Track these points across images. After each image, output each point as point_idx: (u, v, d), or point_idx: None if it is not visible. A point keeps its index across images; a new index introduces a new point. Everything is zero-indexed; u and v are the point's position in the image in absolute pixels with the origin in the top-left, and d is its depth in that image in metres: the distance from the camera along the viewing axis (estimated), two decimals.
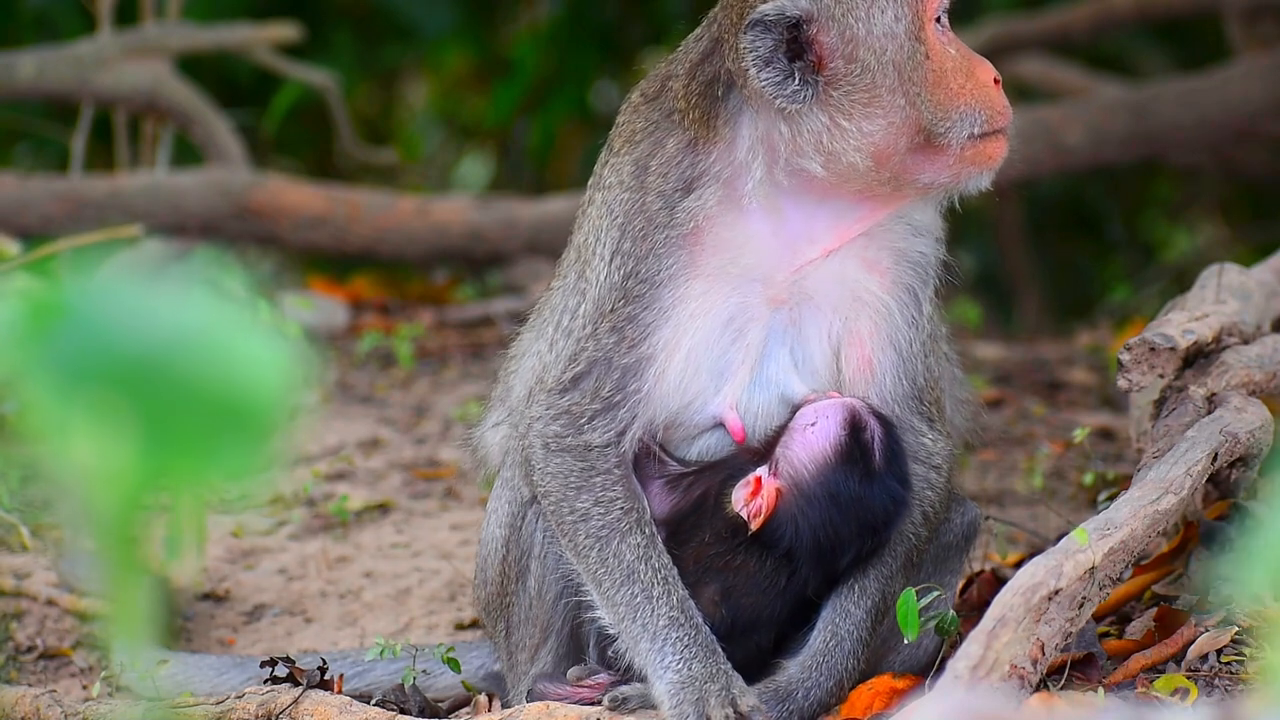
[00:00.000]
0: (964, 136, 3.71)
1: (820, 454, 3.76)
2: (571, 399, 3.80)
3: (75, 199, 7.54)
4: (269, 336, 1.62)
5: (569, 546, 3.82)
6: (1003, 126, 3.76)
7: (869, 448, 3.75)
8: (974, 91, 3.73)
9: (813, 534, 3.76)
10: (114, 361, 1.58)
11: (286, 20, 8.24)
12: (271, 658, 4.08)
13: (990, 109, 3.74)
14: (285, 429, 1.62)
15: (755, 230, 3.77)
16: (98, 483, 1.56)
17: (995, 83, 3.77)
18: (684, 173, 3.78)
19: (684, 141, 3.79)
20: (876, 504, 3.77)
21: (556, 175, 10.97)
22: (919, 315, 3.86)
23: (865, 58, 3.68)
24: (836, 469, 3.75)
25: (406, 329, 7.12)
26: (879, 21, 3.68)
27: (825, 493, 3.75)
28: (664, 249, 3.76)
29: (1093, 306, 9.94)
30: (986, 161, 3.76)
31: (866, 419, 3.77)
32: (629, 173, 3.82)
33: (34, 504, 5.19)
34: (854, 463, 3.75)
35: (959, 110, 3.71)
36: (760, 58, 3.66)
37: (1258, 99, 7.97)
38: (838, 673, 3.76)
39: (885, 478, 3.77)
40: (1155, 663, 3.76)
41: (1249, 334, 4.21)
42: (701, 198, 3.76)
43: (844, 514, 3.76)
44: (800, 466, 3.76)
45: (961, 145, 3.72)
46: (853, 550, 3.78)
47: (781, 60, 3.66)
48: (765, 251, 3.77)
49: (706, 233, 3.76)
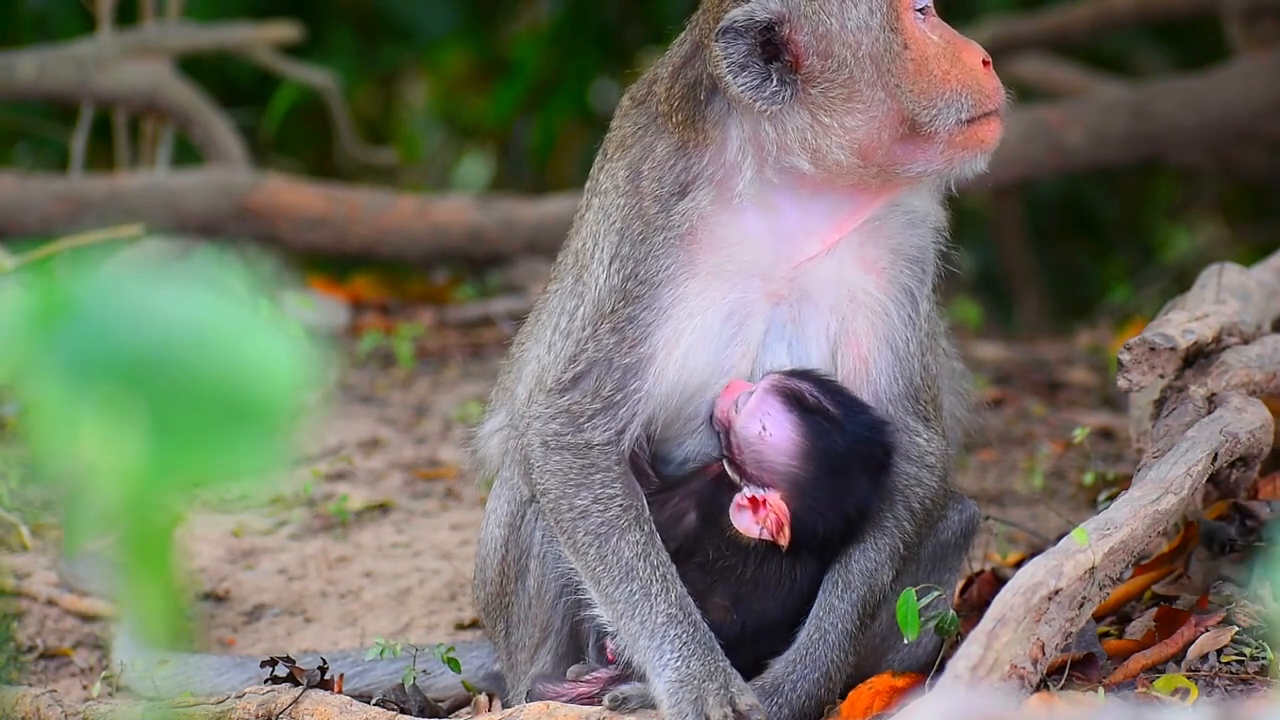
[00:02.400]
0: (951, 123, 3.71)
1: (793, 447, 3.76)
2: (571, 398, 3.81)
3: (75, 199, 7.54)
4: (278, 333, 1.63)
5: (567, 544, 3.83)
6: (993, 108, 3.75)
7: (820, 407, 3.76)
8: (960, 76, 3.72)
9: (837, 510, 3.77)
10: (122, 358, 1.58)
11: (286, 20, 8.24)
12: (271, 658, 4.08)
13: (978, 92, 3.73)
14: (294, 426, 1.62)
15: (751, 228, 3.78)
16: (106, 480, 1.56)
17: (985, 64, 3.75)
18: (677, 176, 3.78)
19: (673, 145, 3.80)
20: (865, 442, 3.77)
21: (556, 175, 10.97)
22: (916, 315, 3.86)
23: (841, 53, 3.68)
24: (815, 447, 3.76)
25: (406, 329, 7.12)
26: (852, 16, 3.68)
27: (823, 472, 3.76)
28: (662, 250, 3.77)
29: (1093, 306, 9.94)
30: (979, 145, 3.76)
31: (793, 385, 3.77)
32: (623, 178, 3.83)
33: (34, 504, 5.19)
34: (822, 429, 3.76)
35: (944, 97, 3.70)
36: (734, 64, 3.67)
37: (1258, 99, 7.97)
38: (823, 664, 3.76)
39: (851, 416, 3.77)
40: (1155, 663, 3.76)
41: (1249, 334, 4.21)
42: (696, 199, 3.77)
43: (847, 474, 3.76)
44: (784, 468, 3.76)
45: (950, 132, 3.71)
46: (870, 500, 3.79)
47: (757, 63, 3.67)
48: (762, 249, 3.78)
49: (702, 232, 3.77)
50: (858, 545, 3.83)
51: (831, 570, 3.83)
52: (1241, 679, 3.66)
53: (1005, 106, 3.79)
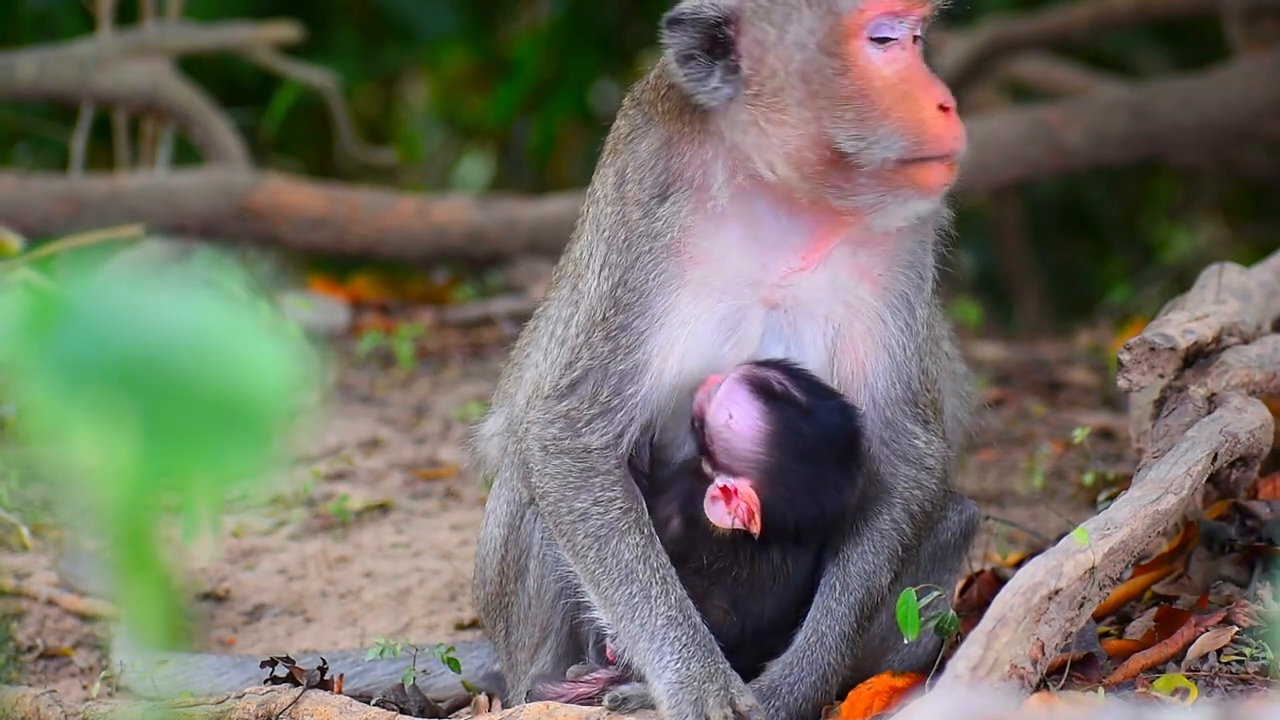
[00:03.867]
0: (879, 159, 3.62)
1: (759, 434, 3.75)
2: (569, 404, 3.80)
3: (75, 199, 7.54)
4: (272, 336, 1.63)
5: (567, 548, 3.82)
6: (937, 154, 3.62)
7: (787, 394, 3.75)
8: (903, 115, 3.62)
9: (809, 497, 3.76)
10: (118, 360, 1.58)
11: (287, 20, 8.24)
12: (271, 658, 4.08)
13: (919, 134, 3.61)
14: (289, 428, 1.62)
15: (734, 240, 3.77)
16: (101, 481, 1.56)
17: (943, 110, 3.63)
18: (658, 177, 3.78)
19: (657, 143, 3.80)
20: (832, 429, 3.77)
21: (556, 175, 10.98)
22: (912, 320, 3.85)
23: (774, 64, 3.66)
24: (781, 433, 3.75)
25: (406, 329, 7.12)
26: (793, 31, 3.65)
27: (790, 459, 3.76)
28: (650, 259, 3.77)
29: (1093, 306, 9.94)
30: (919, 189, 3.65)
31: (760, 374, 3.77)
32: (611, 184, 3.84)
33: (34, 504, 5.19)
34: (788, 416, 3.75)
35: (877, 132, 3.62)
36: (680, 54, 3.69)
37: (1258, 99, 7.97)
38: (820, 667, 3.76)
39: (818, 403, 3.77)
40: (1155, 663, 3.76)
41: (1249, 334, 4.21)
42: (677, 204, 3.76)
43: (816, 460, 3.76)
44: (751, 455, 3.76)
45: (880, 168, 3.63)
46: (845, 487, 3.78)
47: (703, 57, 3.68)
48: (746, 261, 3.77)
49: (686, 244, 3.76)
50: (856, 547, 3.83)
51: (829, 572, 3.82)
52: (1241, 679, 3.66)
53: (958, 154, 3.64)
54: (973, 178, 7.84)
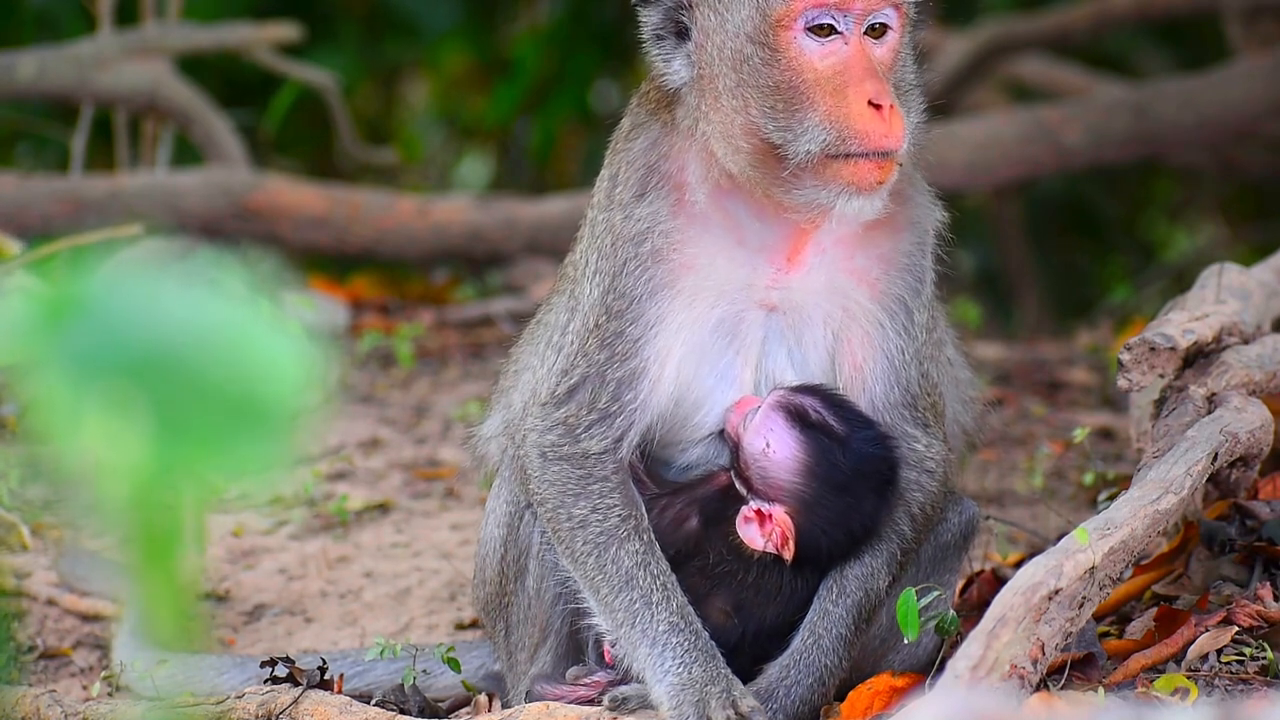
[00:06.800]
0: (803, 152, 3.61)
1: (796, 464, 3.75)
2: (567, 410, 3.80)
3: (75, 199, 7.54)
4: (282, 332, 1.63)
5: (565, 554, 3.82)
6: (861, 151, 3.59)
7: (824, 423, 3.75)
8: (831, 109, 3.60)
9: (843, 527, 3.76)
10: (129, 356, 1.58)
11: (287, 19, 8.24)
12: (271, 658, 4.08)
13: (844, 130, 3.59)
14: (299, 425, 1.62)
15: (720, 244, 3.76)
16: (114, 478, 1.56)
17: (875, 107, 3.59)
18: (639, 174, 3.79)
19: (649, 139, 3.81)
20: (868, 460, 3.77)
21: (556, 175, 10.98)
22: (911, 324, 3.84)
23: (713, 51, 3.70)
24: (818, 464, 3.75)
25: (406, 329, 7.12)
26: (731, 19, 3.69)
27: (826, 490, 3.75)
28: (636, 264, 3.77)
29: (1093, 306, 9.94)
30: (849, 185, 3.61)
31: (797, 401, 3.76)
32: (604, 188, 3.85)
33: (34, 504, 5.19)
34: (825, 446, 3.75)
35: (802, 124, 3.61)
36: (652, 33, 3.75)
37: (1258, 99, 7.97)
38: (817, 669, 3.75)
39: (855, 432, 3.77)
40: (1155, 663, 3.76)
41: (1249, 334, 4.21)
42: (654, 204, 3.76)
43: (853, 491, 3.76)
44: (788, 485, 3.76)
45: (806, 161, 3.61)
46: (879, 515, 3.79)
47: (669, 38, 3.75)
48: (735, 265, 3.76)
49: (671, 251, 3.76)
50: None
51: (828, 575, 3.82)
52: (1241, 679, 3.66)
53: (892, 153, 3.59)
54: (973, 178, 7.85)
